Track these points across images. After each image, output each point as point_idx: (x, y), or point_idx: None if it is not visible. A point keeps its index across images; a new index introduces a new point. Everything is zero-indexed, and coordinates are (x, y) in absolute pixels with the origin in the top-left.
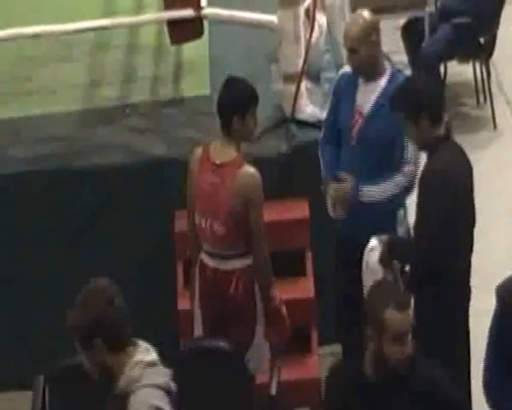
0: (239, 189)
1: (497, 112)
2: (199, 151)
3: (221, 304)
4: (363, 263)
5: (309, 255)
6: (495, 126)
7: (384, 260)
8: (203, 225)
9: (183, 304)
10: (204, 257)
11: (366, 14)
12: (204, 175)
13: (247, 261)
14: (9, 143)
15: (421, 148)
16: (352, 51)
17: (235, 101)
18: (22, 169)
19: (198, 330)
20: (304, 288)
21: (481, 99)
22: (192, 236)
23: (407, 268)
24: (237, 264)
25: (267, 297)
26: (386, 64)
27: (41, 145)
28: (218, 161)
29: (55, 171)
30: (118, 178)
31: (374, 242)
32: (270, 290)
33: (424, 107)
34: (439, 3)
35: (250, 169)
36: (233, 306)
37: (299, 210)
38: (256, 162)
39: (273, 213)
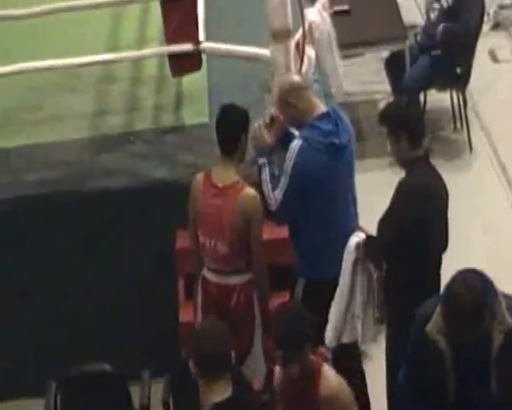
0: (242, 210)
1: (473, 137)
2: (200, 177)
3: (222, 316)
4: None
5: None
6: (471, 150)
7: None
8: (207, 245)
9: (184, 316)
10: (206, 273)
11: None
12: (207, 199)
13: (247, 277)
14: (21, 168)
15: (400, 164)
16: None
17: (238, 124)
18: (33, 192)
19: None
20: None
21: (458, 125)
22: (196, 254)
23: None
24: (238, 279)
25: (265, 307)
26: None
27: (51, 170)
28: (220, 185)
29: (63, 194)
30: (123, 199)
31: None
32: (268, 301)
33: (404, 127)
34: (418, 37)
35: (251, 191)
36: (234, 318)
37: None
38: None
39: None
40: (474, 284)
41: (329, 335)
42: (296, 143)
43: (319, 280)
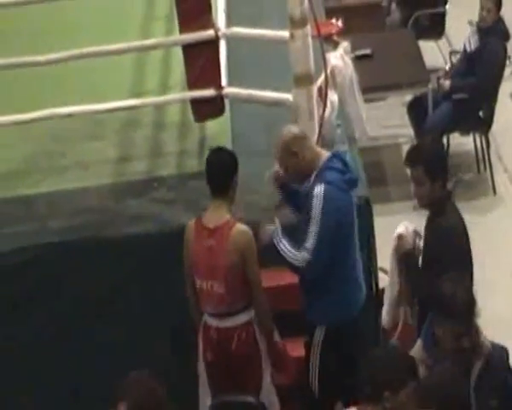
0: (234, 246)
1: (496, 179)
2: (191, 224)
3: (226, 360)
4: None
5: None
6: (495, 193)
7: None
8: (204, 288)
9: None
10: (207, 319)
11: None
12: (200, 242)
13: (246, 316)
14: (45, 215)
15: (429, 205)
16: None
17: (229, 166)
18: (58, 239)
19: (204, 394)
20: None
21: (481, 168)
22: (193, 302)
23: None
24: (237, 320)
25: (271, 342)
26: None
27: (75, 217)
28: (211, 226)
29: (88, 240)
30: (148, 245)
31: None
32: (273, 335)
33: (440, 167)
34: (441, 80)
35: (241, 227)
36: (237, 359)
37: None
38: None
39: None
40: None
41: (385, 319)
42: (320, 189)
43: (340, 325)
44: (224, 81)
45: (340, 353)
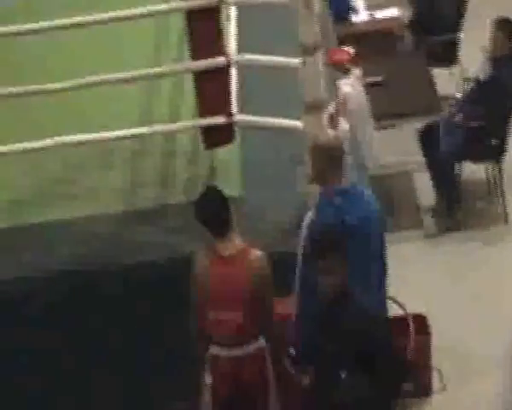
0: (251, 272)
1: (508, 209)
2: (204, 256)
3: (235, 389)
4: None
5: None
6: (506, 221)
7: None
8: (219, 318)
9: None
10: (216, 350)
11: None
12: (217, 271)
13: (257, 344)
14: (56, 242)
15: None
16: None
17: (225, 203)
18: (68, 267)
19: None
20: None
21: (494, 197)
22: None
23: None
24: (249, 348)
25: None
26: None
27: (85, 244)
28: (227, 254)
29: (98, 268)
30: (157, 273)
31: None
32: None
33: None
34: (453, 108)
35: (257, 252)
36: (247, 388)
37: None
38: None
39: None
40: None
41: None
42: (309, 217)
43: None
44: (234, 108)
45: None
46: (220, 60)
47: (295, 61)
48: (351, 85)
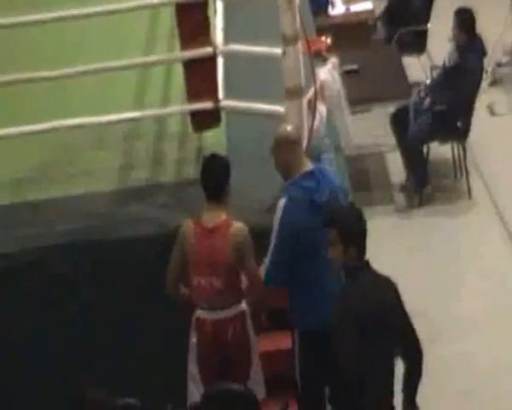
0: (233, 243)
1: (472, 185)
2: (189, 224)
3: (221, 352)
4: None
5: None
6: (470, 197)
7: None
8: (202, 284)
9: None
10: (200, 313)
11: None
12: (201, 241)
13: (240, 307)
14: (54, 218)
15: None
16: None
17: (223, 172)
18: (65, 241)
19: (195, 388)
20: None
21: (458, 174)
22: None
23: None
24: (232, 311)
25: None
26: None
27: (81, 220)
28: (210, 226)
29: (93, 242)
30: (149, 247)
31: None
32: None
33: (354, 239)
34: (422, 93)
35: (239, 224)
36: (232, 349)
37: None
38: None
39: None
40: None
41: None
42: (282, 203)
43: (311, 331)
44: (220, 94)
45: (318, 354)
46: (208, 50)
47: (277, 50)
48: (328, 73)
